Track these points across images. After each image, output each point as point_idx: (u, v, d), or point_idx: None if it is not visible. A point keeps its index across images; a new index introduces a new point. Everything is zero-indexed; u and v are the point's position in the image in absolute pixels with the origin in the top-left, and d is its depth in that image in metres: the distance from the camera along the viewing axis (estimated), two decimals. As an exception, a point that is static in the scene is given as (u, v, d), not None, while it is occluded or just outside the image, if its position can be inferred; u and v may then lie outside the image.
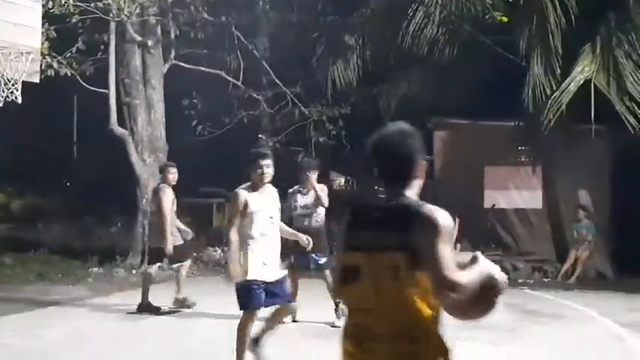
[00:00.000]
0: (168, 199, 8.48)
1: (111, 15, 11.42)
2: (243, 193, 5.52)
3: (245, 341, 5.43)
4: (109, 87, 11.95)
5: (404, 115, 14.15)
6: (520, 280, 12.10)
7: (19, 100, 6.31)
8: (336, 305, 7.66)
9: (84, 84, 12.28)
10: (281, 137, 15.04)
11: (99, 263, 12.25)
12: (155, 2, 12.10)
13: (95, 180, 18.43)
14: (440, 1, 11.88)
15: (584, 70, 11.09)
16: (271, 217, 5.57)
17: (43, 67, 9.33)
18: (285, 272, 5.86)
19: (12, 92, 6.25)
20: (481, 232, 12.92)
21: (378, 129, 2.57)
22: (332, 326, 7.55)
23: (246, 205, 5.47)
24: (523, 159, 13.83)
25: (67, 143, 24.03)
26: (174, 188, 8.70)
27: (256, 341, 5.56)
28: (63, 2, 10.84)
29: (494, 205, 14.04)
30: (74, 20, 11.46)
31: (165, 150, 12.63)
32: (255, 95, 14.54)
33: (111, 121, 12.04)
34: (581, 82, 10.96)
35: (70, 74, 11.85)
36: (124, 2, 11.34)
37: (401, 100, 14.18)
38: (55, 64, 11.37)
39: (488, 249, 13.28)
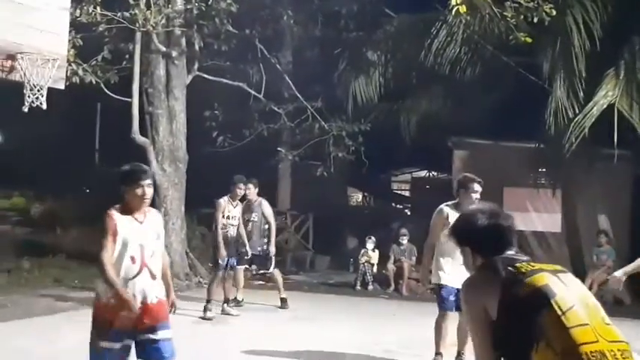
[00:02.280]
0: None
1: (137, 25, 11.55)
2: (446, 209, 6.38)
3: (440, 334, 6.24)
4: (132, 96, 12.05)
5: (424, 132, 14.26)
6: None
7: (44, 106, 6.38)
8: (227, 300, 9.29)
9: (108, 92, 12.41)
10: (300, 151, 15.08)
11: (115, 270, 12.32)
12: (181, 14, 12.22)
13: (115, 187, 18.57)
14: (463, 21, 11.87)
15: (608, 94, 11.03)
16: None
17: (68, 74, 9.45)
18: None
19: (37, 98, 6.33)
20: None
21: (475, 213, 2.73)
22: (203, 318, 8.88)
23: (447, 219, 6.17)
24: (543, 181, 13.73)
25: (89, 150, 24.27)
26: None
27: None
28: (90, 11, 10.98)
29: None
30: (100, 29, 11.58)
31: (186, 160, 12.70)
32: (275, 108, 14.60)
33: (133, 130, 12.14)
34: (605, 106, 10.89)
35: (94, 82, 11.98)
36: (151, 13, 11.46)
37: (421, 118, 14.20)
38: (80, 72, 11.50)
39: (505, 271, 13.16)
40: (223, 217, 9.13)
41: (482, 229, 2.62)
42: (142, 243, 4.32)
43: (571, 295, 2.34)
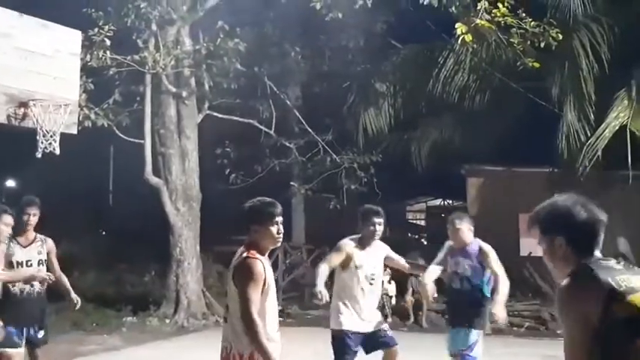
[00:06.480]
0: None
1: (147, 67, 11.70)
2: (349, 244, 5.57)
3: None
4: (144, 137, 12.15)
5: (436, 161, 14.23)
6: (559, 331, 11.75)
7: (57, 152, 6.40)
8: None
9: (120, 134, 12.51)
10: (313, 185, 15.08)
11: (132, 312, 12.27)
12: (189, 54, 12.36)
13: (130, 228, 18.61)
14: (470, 49, 11.93)
15: (619, 115, 10.98)
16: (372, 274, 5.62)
17: (80, 119, 9.54)
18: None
19: (50, 143, 6.35)
20: (518, 280, 12.62)
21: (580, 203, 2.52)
22: None
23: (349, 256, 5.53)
24: (559, 206, 13.60)
25: (103, 192, 24.43)
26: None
27: None
28: (100, 55, 11.14)
29: (530, 253, 13.78)
30: (111, 72, 11.74)
31: (199, 199, 12.73)
32: (286, 143, 14.66)
33: (146, 171, 12.21)
34: (617, 128, 10.84)
35: (106, 125, 12.09)
36: (160, 55, 11.62)
37: (433, 147, 14.20)
38: (92, 116, 11.62)
39: (525, 298, 12.98)
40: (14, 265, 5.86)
41: (582, 222, 2.42)
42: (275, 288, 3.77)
43: None
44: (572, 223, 2.44)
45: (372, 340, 5.63)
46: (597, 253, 2.41)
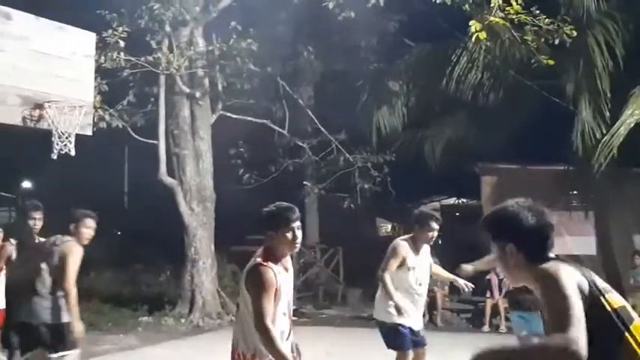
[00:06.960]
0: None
1: (160, 68, 11.76)
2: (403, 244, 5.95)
3: None
4: (158, 138, 12.22)
5: (450, 160, 14.17)
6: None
7: (73, 153, 6.45)
8: None
9: (134, 135, 12.58)
10: (326, 184, 15.08)
11: (148, 312, 12.34)
12: (203, 55, 12.41)
13: (145, 229, 18.71)
14: (484, 46, 11.87)
15: (635, 112, 10.88)
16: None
17: (95, 120, 9.61)
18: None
19: (65, 145, 6.41)
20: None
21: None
22: None
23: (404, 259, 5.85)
24: (574, 204, 13.52)
25: (118, 193, 24.57)
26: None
27: None
28: (114, 57, 11.21)
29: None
30: (125, 74, 11.81)
31: (213, 199, 12.78)
32: (300, 143, 14.67)
33: (160, 171, 12.27)
34: (632, 125, 10.75)
35: (121, 126, 12.17)
36: (173, 56, 11.67)
37: (447, 146, 14.14)
38: (107, 117, 11.70)
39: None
40: None
41: (531, 227, 2.41)
42: (290, 295, 3.78)
43: None
44: (520, 229, 2.42)
45: (412, 337, 5.94)
46: (552, 256, 2.41)
